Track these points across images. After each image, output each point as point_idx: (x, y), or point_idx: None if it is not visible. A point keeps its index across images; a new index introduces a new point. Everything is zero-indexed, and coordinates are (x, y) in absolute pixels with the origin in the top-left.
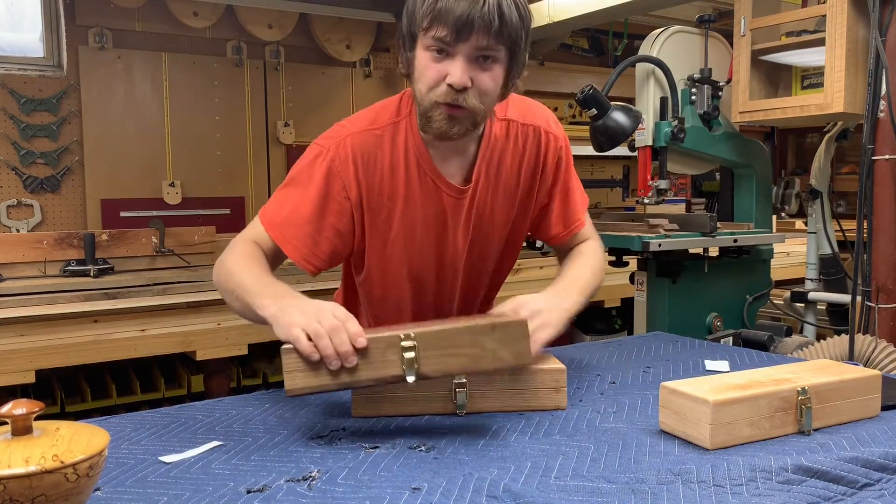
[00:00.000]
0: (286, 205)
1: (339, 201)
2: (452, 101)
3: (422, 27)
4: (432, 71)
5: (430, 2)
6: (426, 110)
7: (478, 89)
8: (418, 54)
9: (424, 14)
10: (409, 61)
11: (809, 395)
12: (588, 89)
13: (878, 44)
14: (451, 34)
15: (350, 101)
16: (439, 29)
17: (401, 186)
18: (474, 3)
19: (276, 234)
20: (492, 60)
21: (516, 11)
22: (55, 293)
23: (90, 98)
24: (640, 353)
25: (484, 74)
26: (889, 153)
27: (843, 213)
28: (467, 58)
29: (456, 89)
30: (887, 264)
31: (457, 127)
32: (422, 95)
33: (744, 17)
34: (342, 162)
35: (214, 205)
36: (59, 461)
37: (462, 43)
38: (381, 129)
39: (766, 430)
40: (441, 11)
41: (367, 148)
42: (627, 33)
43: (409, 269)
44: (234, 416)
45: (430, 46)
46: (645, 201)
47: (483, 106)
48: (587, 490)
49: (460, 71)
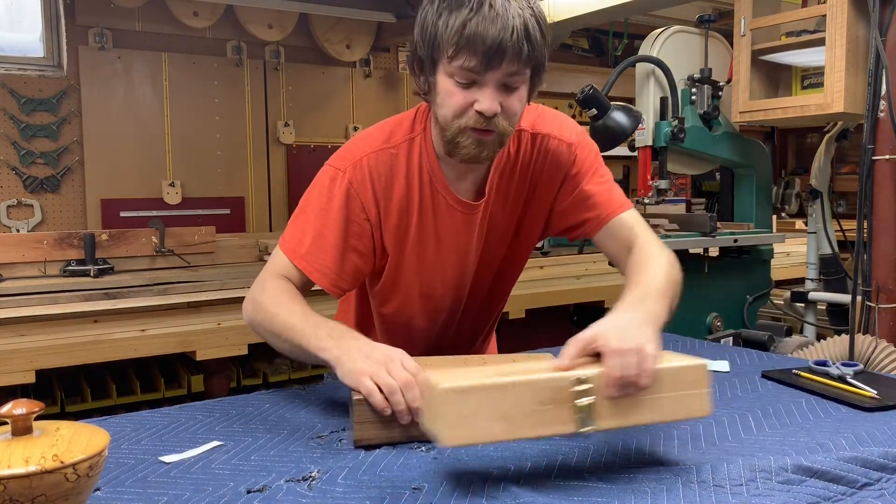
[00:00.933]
0: (308, 232)
1: (360, 223)
2: (480, 127)
3: (447, 54)
4: (459, 98)
5: (455, 28)
6: (453, 136)
7: (506, 113)
8: (441, 80)
9: (450, 41)
10: (429, 85)
11: (592, 386)
12: (588, 89)
13: (878, 44)
14: (481, 64)
15: (350, 101)
16: (468, 59)
17: (415, 204)
18: (503, 31)
19: (304, 264)
20: (518, 82)
21: (539, 31)
22: (55, 293)
23: (90, 98)
24: None
25: (511, 98)
26: (889, 153)
27: (843, 213)
28: (496, 85)
29: (486, 116)
30: (887, 264)
31: (486, 151)
32: (447, 122)
33: (744, 17)
34: (360, 183)
35: (214, 205)
36: (59, 461)
37: (491, 71)
38: (397, 148)
39: (529, 427)
40: (469, 40)
41: (384, 168)
42: (627, 33)
43: (421, 286)
44: (234, 416)
45: (455, 74)
46: (645, 201)
47: (511, 127)
48: (587, 490)
49: (490, 99)
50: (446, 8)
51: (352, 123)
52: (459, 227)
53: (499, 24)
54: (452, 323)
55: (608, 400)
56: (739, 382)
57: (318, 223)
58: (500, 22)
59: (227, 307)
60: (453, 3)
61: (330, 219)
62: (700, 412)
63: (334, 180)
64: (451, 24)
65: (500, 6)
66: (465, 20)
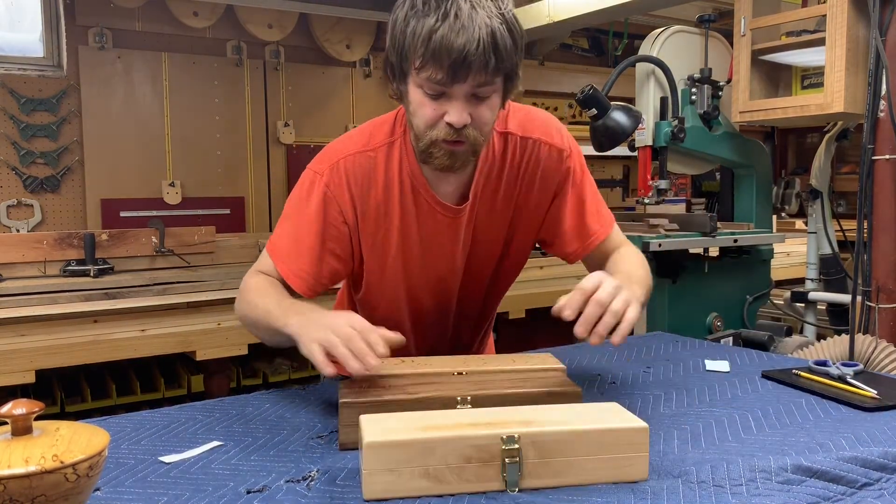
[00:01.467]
0: (287, 236)
1: (337, 226)
2: (451, 138)
3: (414, 66)
4: (428, 109)
5: (421, 37)
6: (426, 147)
7: (477, 123)
8: (411, 89)
9: (416, 52)
10: (400, 92)
11: (521, 445)
12: (588, 89)
13: (878, 44)
14: (447, 76)
15: (350, 101)
16: (434, 71)
17: (396, 208)
18: (469, 43)
19: (282, 267)
20: (489, 91)
21: (510, 37)
22: (55, 293)
23: (90, 98)
24: (640, 353)
25: (482, 107)
26: (889, 153)
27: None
28: (464, 96)
29: (456, 127)
30: (887, 264)
31: (459, 161)
32: (420, 132)
33: (744, 17)
34: (336, 187)
35: (214, 205)
36: (59, 461)
37: (458, 83)
38: (375, 151)
39: (455, 484)
40: (434, 52)
41: (362, 170)
42: (627, 33)
43: (408, 290)
44: (234, 416)
45: (424, 86)
46: (645, 201)
47: (483, 136)
48: (587, 490)
49: (458, 111)
50: (414, 15)
51: (352, 123)
52: (443, 231)
53: (464, 35)
54: (446, 327)
55: (537, 460)
56: (739, 382)
57: (296, 227)
58: (466, 34)
59: (227, 307)
60: (420, 10)
61: (307, 222)
62: (637, 475)
63: (313, 184)
64: (417, 33)
65: (467, 16)
66: (431, 30)
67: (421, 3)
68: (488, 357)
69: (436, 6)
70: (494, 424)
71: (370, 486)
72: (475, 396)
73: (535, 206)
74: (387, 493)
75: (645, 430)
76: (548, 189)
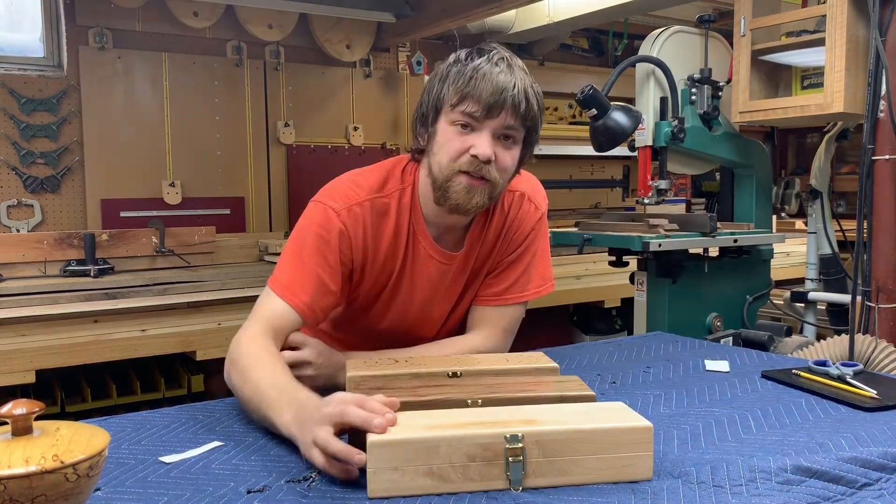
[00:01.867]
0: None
1: (346, 263)
2: (475, 172)
3: (451, 103)
4: (457, 142)
5: (463, 80)
6: (445, 180)
7: (499, 164)
8: (441, 128)
9: (456, 91)
10: (429, 136)
11: (524, 444)
12: (588, 89)
13: (878, 44)
14: (482, 110)
15: (350, 101)
16: (470, 104)
17: (400, 253)
18: (506, 85)
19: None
20: (512, 141)
21: (536, 101)
22: (55, 293)
23: (90, 98)
24: (640, 353)
25: (505, 152)
26: (889, 153)
27: (843, 213)
28: (492, 133)
29: (480, 160)
30: (887, 264)
31: (475, 199)
32: (441, 167)
33: (744, 17)
34: (353, 228)
35: (214, 205)
36: (59, 461)
37: (490, 119)
38: (389, 197)
39: (458, 482)
40: (474, 89)
41: (376, 216)
42: (627, 33)
43: (390, 325)
44: (235, 416)
45: (456, 121)
46: (645, 201)
47: (501, 182)
48: (587, 490)
49: (486, 143)
50: (456, 62)
51: (352, 123)
52: (434, 276)
53: (503, 78)
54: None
55: (541, 459)
56: (739, 382)
57: (317, 266)
58: (504, 78)
59: (227, 307)
60: (462, 66)
61: (328, 263)
62: (641, 475)
63: (329, 220)
64: (458, 78)
65: (505, 69)
66: (473, 72)
67: (463, 58)
68: (481, 357)
69: (477, 58)
70: (498, 423)
71: (374, 484)
72: (486, 399)
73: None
74: (391, 491)
75: (649, 430)
76: (517, 241)
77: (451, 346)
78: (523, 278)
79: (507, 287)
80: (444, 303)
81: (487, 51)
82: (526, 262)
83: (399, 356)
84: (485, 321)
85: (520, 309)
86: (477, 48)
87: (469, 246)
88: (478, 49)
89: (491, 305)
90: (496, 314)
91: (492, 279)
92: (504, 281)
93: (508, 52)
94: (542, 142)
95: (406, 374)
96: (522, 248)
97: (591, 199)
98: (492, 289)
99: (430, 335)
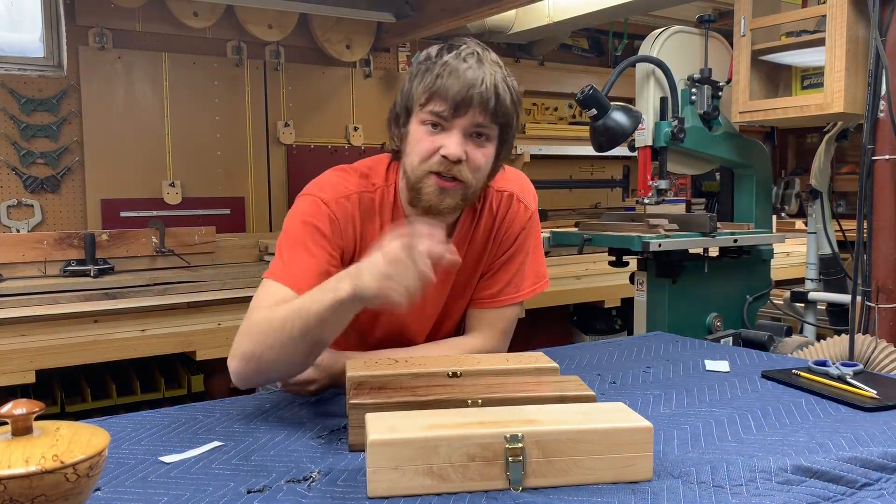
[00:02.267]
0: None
1: (335, 256)
2: (445, 172)
3: (419, 102)
4: (426, 143)
5: (430, 78)
6: (417, 180)
7: (471, 164)
8: (412, 128)
9: (424, 90)
10: (402, 136)
11: (524, 444)
12: (588, 89)
13: (878, 44)
14: (450, 109)
15: (350, 101)
16: (438, 103)
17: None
18: (473, 82)
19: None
20: (485, 138)
21: (510, 95)
22: (55, 293)
23: (90, 98)
24: (640, 353)
25: (477, 150)
26: (889, 153)
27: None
28: (463, 132)
29: (450, 161)
30: (887, 264)
31: (447, 200)
32: (413, 167)
33: (744, 17)
34: (343, 219)
35: (214, 205)
36: (59, 461)
37: (459, 118)
38: (374, 192)
39: (458, 482)
40: (441, 87)
41: (364, 210)
42: (627, 33)
43: (382, 323)
44: (234, 416)
45: (426, 120)
46: (645, 201)
47: (475, 181)
48: (587, 490)
49: (455, 143)
50: (424, 67)
51: (352, 123)
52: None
53: (470, 75)
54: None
55: (541, 459)
56: (739, 382)
57: (309, 254)
58: (472, 73)
59: (227, 307)
60: (431, 64)
61: (322, 251)
62: (641, 475)
63: (318, 210)
64: (426, 78)
65: (474, 65)
66: (441, 67)
67: (434, 54)
68: (481, 356)
69: (447, 54)
70: (498, 423)
71: (374, 483)
72: (486, 399)
73: (495, 254)
74: (391, 490)
75: (649, 430)
76: (507, 242)
77: (450, 347)
78: (517, 278)
79: (501, 288)
80: (434, 299)
81: (457, 46)
82: (519, 262)
83: (399, 356)
84: (482, 323)
85: (516, 309)
86: (448, 44)
87: (455, 245)
88: (448, 45)
89: (487, 308)
90: (493, 316)
91: (486, 281)
92: (498, 282)
93: (481, 45)
94: (542, 142)
95: (406, 374)
96: (514, 249)
97: (591, 199)
98: (487, 291)
99: (425, 332)
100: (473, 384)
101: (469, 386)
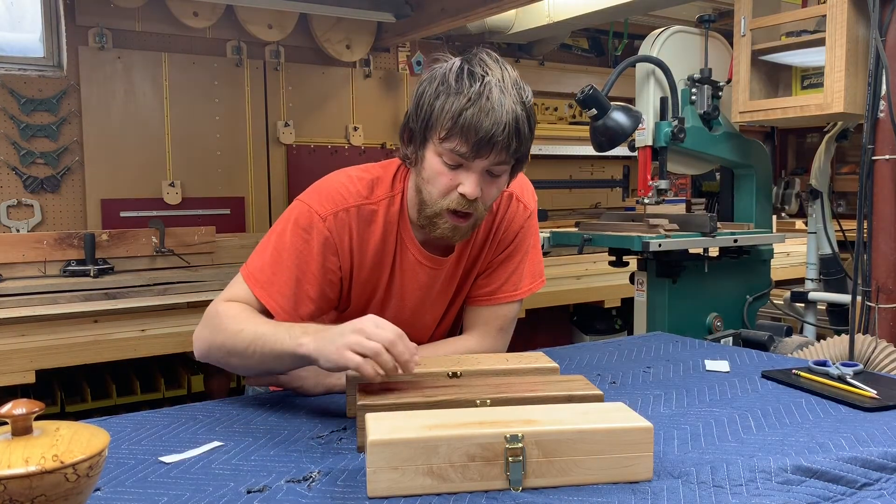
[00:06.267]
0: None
1: (333, 270)
2: (461, 210)
3: (439, 135)
4: (445, 178)
5: (451, 113)
6: (433, 214)
7: (485, 199)
8: (429, 156)
9: (444, 124)
10: (417, 157)
11: (524, 444)
12: (588, 89)
13: (878, 44)
14: (471, 151)
15: (350, 101)
16: (459, 144)
17: (388, 259)
18: (496, 125)
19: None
20: (502, 170)
21: (527, 125)
22: (55, 293)
23: (90, 98)
24: (640, 353)
25: (492, 185)
26: (889, 153)
27: (843, 213)
28: (481, 171)
29: (468, 199)
30: (887, 264)
31: (459, 234)
32: (431, 199)
33: (744, 17)
34: (339, 234)
35: (214, 205)
36: (59, 461)
37: (480, 159)
38: (377, 204)
39: (458, 482)
40: (463, 127)
41: (364, 222)
42: (627, 33)
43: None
44: (234, 416)
45: (444, 155)
46: (645, 201)
47: (486, 212)
48: (587, 490)
49: (474, 184)
50: (445, 91)
51: (352, 123)
52: (424, 282)
53: (492, 117)
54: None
55: (541, 459)
56: (739, 382)
57: (296, 270)
58: (494, 116)
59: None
60: (453, 88)
61: (309, 270)
62: (641, 475)
63: (312, 225)
64: (447, 109)
65: (497, 100)
66: (462, 108)
67: (454, 81)
68: (481, 357)
69: (468, 86)
70: (498, 423)
71: (374, 483)
72: (495, 400)
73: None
74: (391, 490)
75: (649, 430)
76: (506, 241)
77: (447, 347)
78: (515, 276)
79: (499, 286)
80: (436, 307)
81: (480, 75)
82: (517, 261)
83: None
84: (479, 321)
85: (514, 307)
86: (468, 68)
87: (459, 249)
88: (469, 70)
89: (484, 305)
90: (490, 314)
91: (483, 279)
92: (496, 280)
93: (500, 68)
94: (543, 142)
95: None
96: (513, 247)
97: (591, 199)
98: (484, 289)
99: (424, 340)
100: (480, 384)
101: (477, 386)
